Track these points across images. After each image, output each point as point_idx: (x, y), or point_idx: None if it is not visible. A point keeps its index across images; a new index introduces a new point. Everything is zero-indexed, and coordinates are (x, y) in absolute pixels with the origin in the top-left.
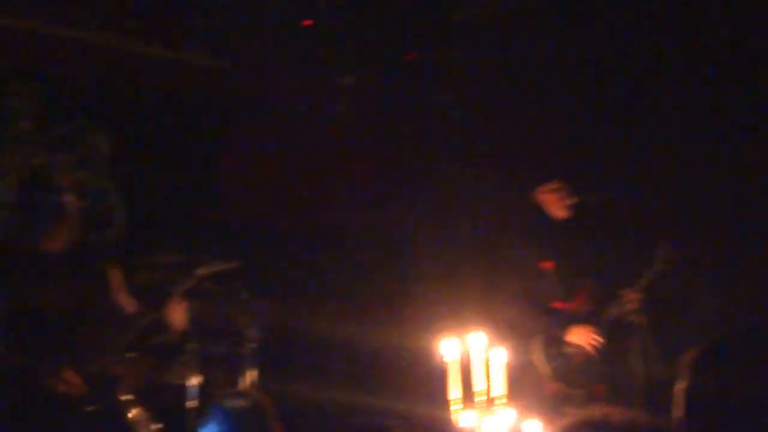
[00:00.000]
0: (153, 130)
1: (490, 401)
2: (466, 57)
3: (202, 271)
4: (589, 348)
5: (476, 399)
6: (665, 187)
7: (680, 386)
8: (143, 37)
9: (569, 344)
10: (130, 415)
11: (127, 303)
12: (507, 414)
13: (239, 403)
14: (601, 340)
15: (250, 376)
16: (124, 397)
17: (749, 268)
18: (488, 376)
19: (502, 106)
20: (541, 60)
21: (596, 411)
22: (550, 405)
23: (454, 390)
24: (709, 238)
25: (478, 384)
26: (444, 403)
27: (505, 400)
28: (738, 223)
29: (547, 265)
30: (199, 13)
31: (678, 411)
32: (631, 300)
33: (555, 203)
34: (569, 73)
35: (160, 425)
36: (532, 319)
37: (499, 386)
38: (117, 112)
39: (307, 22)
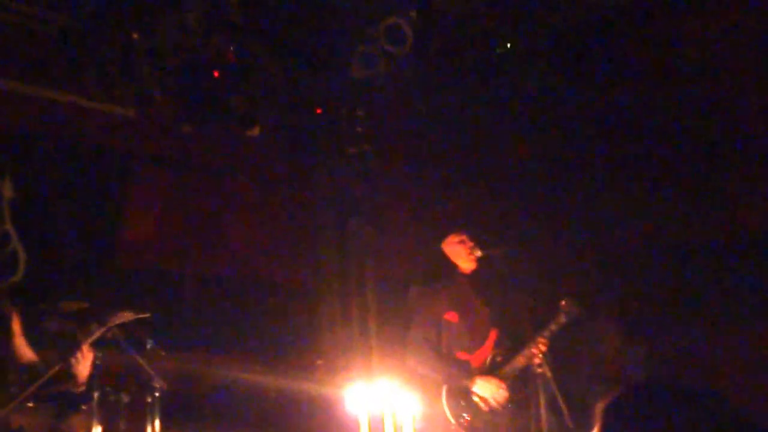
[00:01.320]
0: (56, 176)
1: None
2: (371, 112)
3: (113, 322)
4: (494, 398)
5: None
6: (569, 241)
7: None
8: (46, 83)
9: (475, 394)
10: None
11: (28, 350)
12: None
13: None
14: (505, 390)
15: (154, 425)
16: None
17: (649, 321)
18: (397, 426)
19: (409, 160)
20: (444, 115)
21: None
22: None
23: None
24: (609, 292)
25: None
26: None
27: None
28: (637, 277)
29: (452, 317)
30: (104, 60)
31: None
32: (536, 351)
33: (462, 255)
34: (473, 127)
35: None
36: (436, 369)
37: None
38: (19, 157)
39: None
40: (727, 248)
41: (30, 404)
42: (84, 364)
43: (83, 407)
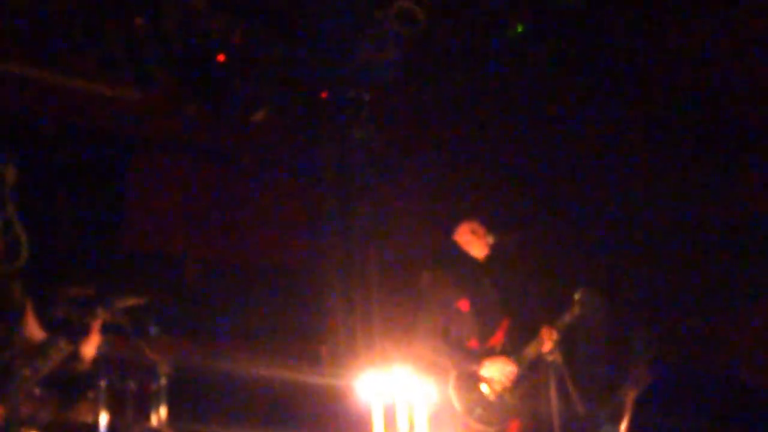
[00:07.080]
0: (58, 160)
1: None
2: (378, 95)
3: (119, 305)
4: (502, 375)
5: None
6: (582, 228)
7: (623, 424)
8: (49, 67)
9: (484, 381)
10: None
11: (39, 333)
12: None
13: None
14: (516, 372)
15: (160, 413)
16: None
17: (662, 311)
18: (409, 413)
19: (416, 145)
20: (454, 99)
21: None
22: None
23: (376, 428)
24: (622, 280)
25: (399, 421)
26: None
27: None
28: (654, 267)
29: (464, 304)
30: (107, 42)
31: None
32: (548, 340)
33: (473, 242)
34: (483, 110)
35: None
36: (444, 355)
37: (421, 423)
38: (21, 142)
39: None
40: (733, 228)
41: (37, 391)
42: (90, 345)
43: (90, 395)
